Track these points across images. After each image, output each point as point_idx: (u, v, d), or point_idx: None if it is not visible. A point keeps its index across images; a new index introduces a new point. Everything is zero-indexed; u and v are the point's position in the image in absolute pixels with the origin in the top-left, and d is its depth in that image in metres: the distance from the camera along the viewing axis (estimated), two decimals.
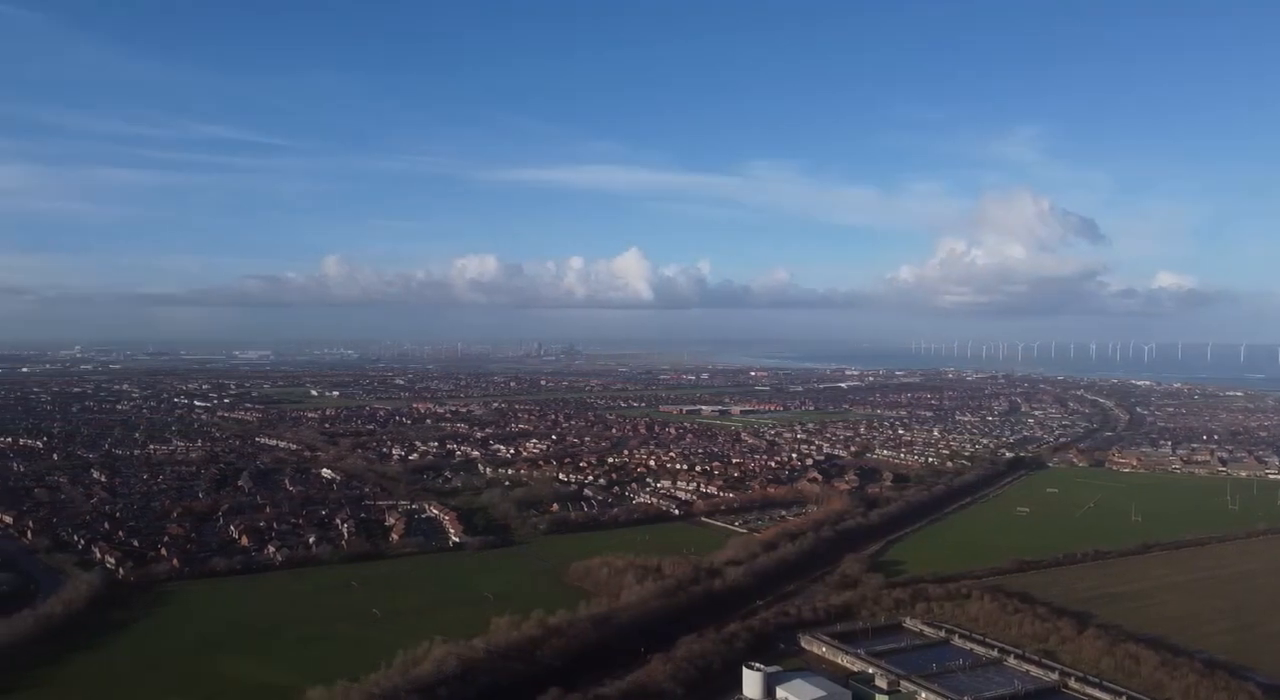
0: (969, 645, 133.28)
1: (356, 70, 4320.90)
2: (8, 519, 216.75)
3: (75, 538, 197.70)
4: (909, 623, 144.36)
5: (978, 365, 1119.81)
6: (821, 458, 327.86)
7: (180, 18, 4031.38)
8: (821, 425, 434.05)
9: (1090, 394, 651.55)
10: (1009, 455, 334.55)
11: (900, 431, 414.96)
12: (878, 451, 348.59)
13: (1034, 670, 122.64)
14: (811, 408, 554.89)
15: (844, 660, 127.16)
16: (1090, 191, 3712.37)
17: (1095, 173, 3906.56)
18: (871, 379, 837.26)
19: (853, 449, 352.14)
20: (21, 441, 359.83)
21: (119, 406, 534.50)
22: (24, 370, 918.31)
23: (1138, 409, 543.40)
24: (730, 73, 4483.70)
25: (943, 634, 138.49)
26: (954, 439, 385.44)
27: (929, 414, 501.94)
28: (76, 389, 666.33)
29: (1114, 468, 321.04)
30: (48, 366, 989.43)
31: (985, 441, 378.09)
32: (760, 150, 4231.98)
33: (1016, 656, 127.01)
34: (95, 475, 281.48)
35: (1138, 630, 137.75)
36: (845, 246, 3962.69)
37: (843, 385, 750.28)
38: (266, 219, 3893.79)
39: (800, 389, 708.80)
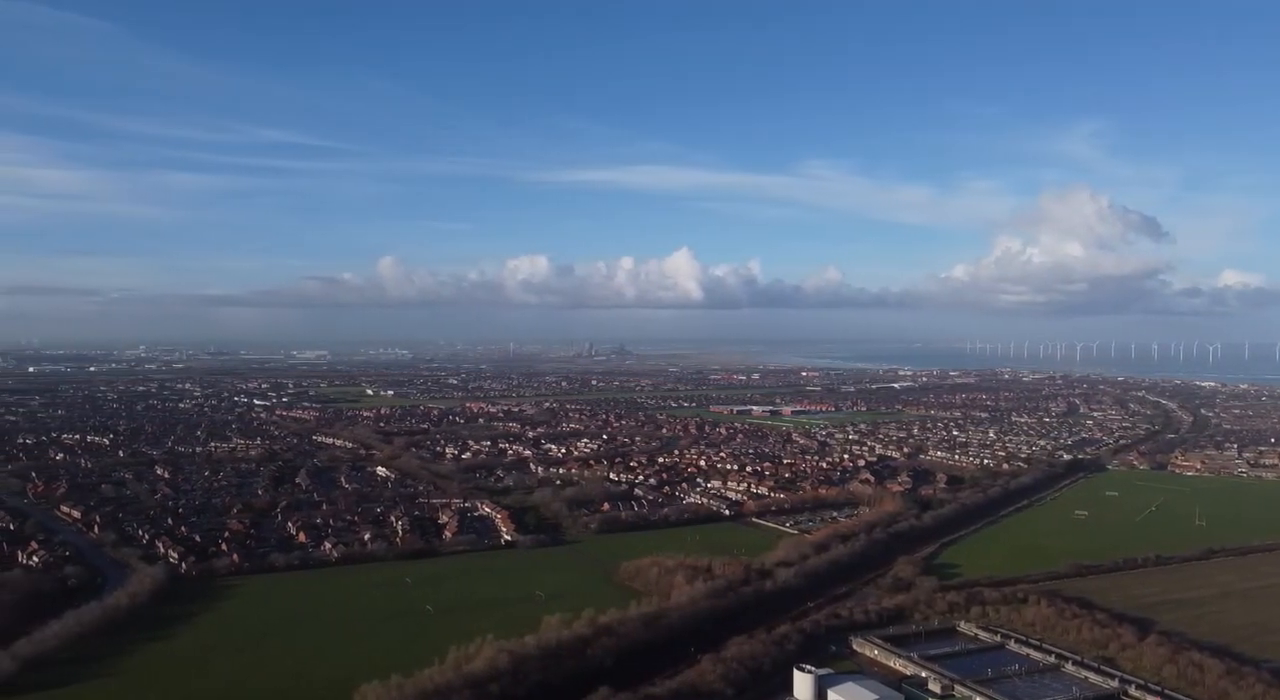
0: (1025, 650, 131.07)
1: (412, 74, 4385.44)
2: (76, 514, 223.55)
3: (140, 532, 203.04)
4: (963, 627, 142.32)
5: (1034, 365, 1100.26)
6: (874, 459, 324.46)
7: (241, 26, 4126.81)
8: (874, 426, 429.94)
9: (1152, 395, 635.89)
10: (1067, 457, 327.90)
11: (954, 433, 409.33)
12: (931, 453, 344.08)
13: (1093, 677, 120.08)
14: (864, 408, 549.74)
15: (896, 663, 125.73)
16: (1152, 188, 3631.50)
17: (1157, 169, 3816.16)
18: (925, 379, 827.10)
19: (906, 450, 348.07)
20: (89, 438, 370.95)
21: (181, 405, 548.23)
22: (91, 369, 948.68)
23: (1202, 411, 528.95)
24: (782, 71, 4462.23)
25: (998, 638, 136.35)
26: (1010, 441, 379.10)
27: (984, 415, 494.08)
28: (141, 388, 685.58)
29: (1177, 471, 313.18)
30: (114, 366, 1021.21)
31: (1042, 443, 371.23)
32: (812, 149, 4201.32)
33: (1074, 663, 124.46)
34: (159, 472, 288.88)
35: (1201, 638, 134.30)
36: (898, 245, 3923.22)
37: (896, 386, 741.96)
38: (324, 221, 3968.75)
39: (852, 389, 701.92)
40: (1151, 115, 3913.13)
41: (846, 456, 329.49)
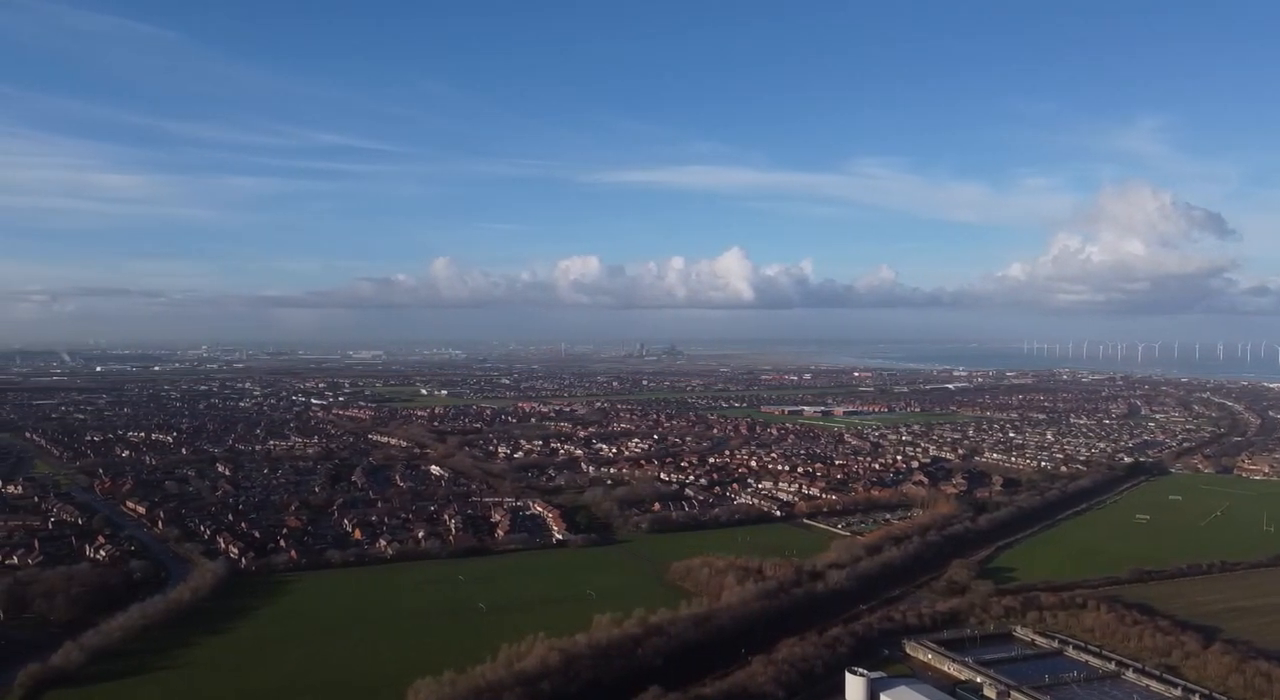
0: (1084, 657, 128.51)
1: (464, 77, 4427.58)
2: (141, 509, 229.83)
3: (202, 528, 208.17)
4: (1019, 632, 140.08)
5: (1094, 366, 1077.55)
6: (927, 460, 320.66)
7: (297, 31, 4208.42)
8: (928, 427, 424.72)
9: (1217, 397, 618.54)
10: (1128, 460, 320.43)
11: (1011, 434, 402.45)
12: (987, 455, 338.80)
13: (1154, 685, 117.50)
14: (917, 409, 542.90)
15: (950, 668, 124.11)
16: (1217, 184, 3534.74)
17: (1223, 164, 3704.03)
18: (980, 380, 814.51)
19: (960, 452, 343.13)
20: (154, 436, 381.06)
21: (242, 404, 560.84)
22: (156, 369, 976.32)
23: (1270, 413, 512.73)
24: (832, 69, 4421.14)
25: (1055, 644, 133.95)
26: (1068, 443, 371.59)
27: (1042, 417, 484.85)
28: (203, 387, 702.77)
29: (1243, 475, 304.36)
30: (177, 365, 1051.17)
31: (1102, 446, 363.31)
32: (865, 147, 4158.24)
33: (1135, 670, 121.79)
34: (220, 469, 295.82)
35: (1269, 647, 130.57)
36: (953, 244, 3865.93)
37: (950, 386, 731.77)
38: (378, 222, 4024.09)
39: (905, 390, 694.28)
40: (1216, 109, 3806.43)
41: (900, 458, 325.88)
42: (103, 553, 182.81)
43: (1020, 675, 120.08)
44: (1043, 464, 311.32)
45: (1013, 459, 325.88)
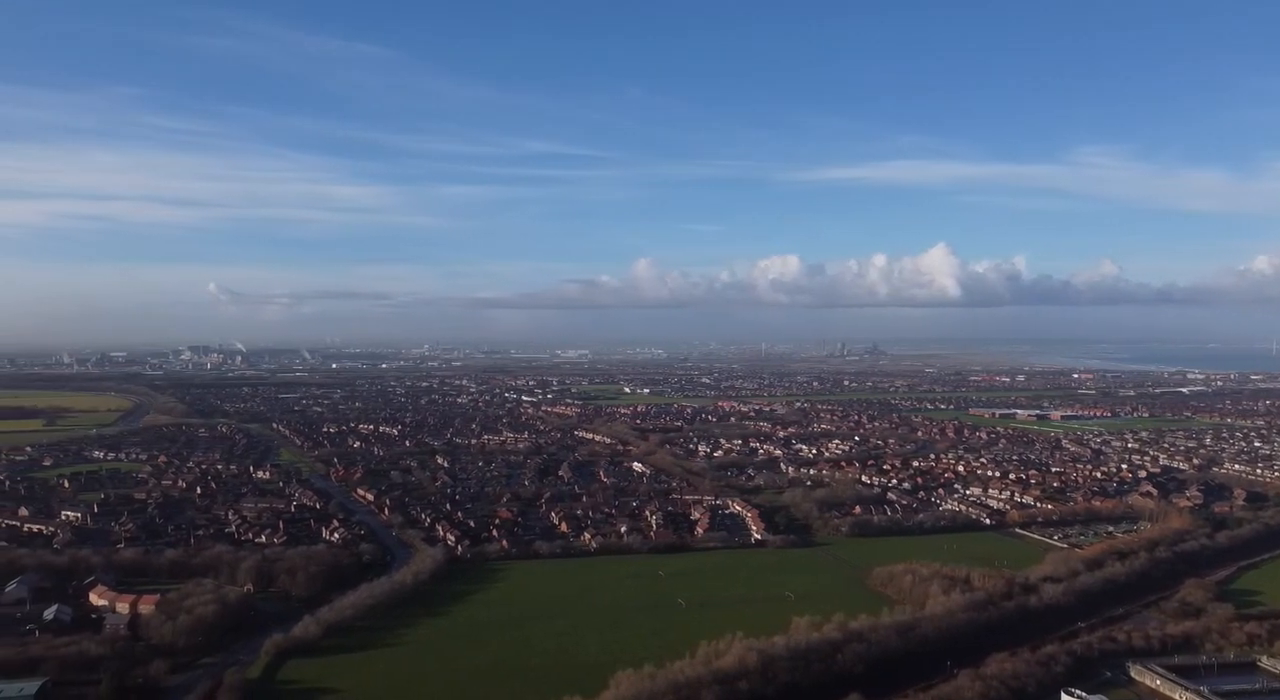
0: None
1: (661, 82, 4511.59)
2: (369, 496, 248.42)
3: (423, 516, 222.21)
4: (1265, 662, 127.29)
5: None
6: (1157, 470, 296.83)
7: (507, 46, 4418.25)
8: (1157, 434, 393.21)
9: None
10: None
11: (1256, 444, 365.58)
12: (1227, 466, 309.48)
13: None
14: (1145, 414, 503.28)
15: (1182, 697, 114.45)
16: None
17: None
18: (1220, 384, 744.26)
19: (1195, 462, 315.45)
20: (381, 429, 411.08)
21: (459, 400, 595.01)
22: (383, 366, 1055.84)
23: None
24: (1048, 54, 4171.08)
25: None
26: None
27: None
28: (424, 384, 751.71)
29: None
30: (402, 363, 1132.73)
31: None
32: (1085, 135, 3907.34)
33: None
34: (439, 461, 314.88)
35: None
36: (1185, 235, 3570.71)
37: (1184, 390, 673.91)
38: (583, 226, 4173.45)
39: (1132, 393, 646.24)
40: None
41: (1125, 466, 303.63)
42: (337, 535, 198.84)
43: None
44: None
45: (1258, 471, 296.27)
